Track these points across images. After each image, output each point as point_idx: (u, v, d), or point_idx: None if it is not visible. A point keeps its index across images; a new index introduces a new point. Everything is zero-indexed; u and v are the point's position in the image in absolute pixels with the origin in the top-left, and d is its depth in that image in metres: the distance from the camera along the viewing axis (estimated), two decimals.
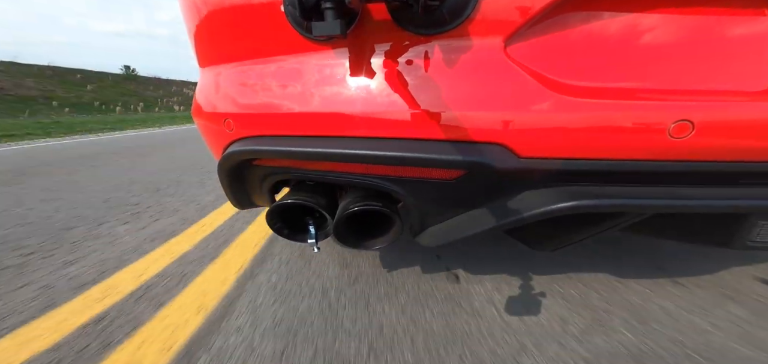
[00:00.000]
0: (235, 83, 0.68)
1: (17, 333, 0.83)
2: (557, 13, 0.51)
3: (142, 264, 1.17)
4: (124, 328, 0.84)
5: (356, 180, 0.67)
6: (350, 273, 1.07)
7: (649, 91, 0.51)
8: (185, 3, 0.71)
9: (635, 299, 0.92)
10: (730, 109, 0.49)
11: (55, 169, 2.89)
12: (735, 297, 0.93)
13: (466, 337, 0.79)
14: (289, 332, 0.82)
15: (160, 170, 2.81)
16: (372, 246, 0.76)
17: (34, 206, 1.84)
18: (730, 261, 1.10)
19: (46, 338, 0.81)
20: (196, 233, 1.44)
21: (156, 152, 3.98)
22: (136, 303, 0.94)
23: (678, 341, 0.77)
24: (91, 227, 1.51)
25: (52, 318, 0.89)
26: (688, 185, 0.55)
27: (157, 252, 1.26)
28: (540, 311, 0.88)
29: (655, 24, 0.51)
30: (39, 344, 0.79)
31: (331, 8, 0.45)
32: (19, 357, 0.75)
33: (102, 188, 2.21)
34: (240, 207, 0.87)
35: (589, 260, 1.12)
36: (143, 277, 1.08)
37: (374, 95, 0.56)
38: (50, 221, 1.60)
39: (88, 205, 1.84)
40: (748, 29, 0.50)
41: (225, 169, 0.73)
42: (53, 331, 0.83)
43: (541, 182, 0.58)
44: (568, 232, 0.71)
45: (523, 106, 0.52)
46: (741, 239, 0.62)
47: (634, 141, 0.51)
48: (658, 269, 1.07)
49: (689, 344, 0.76)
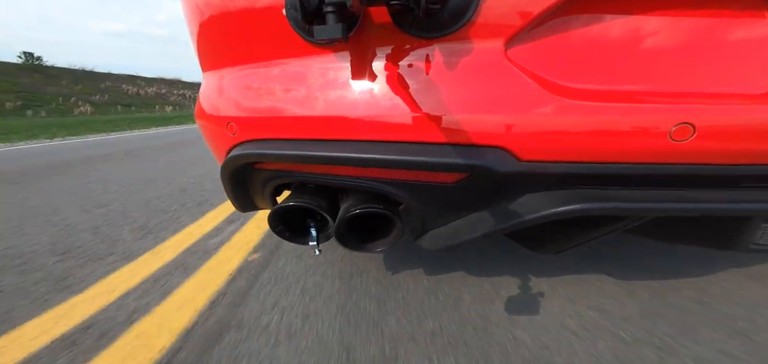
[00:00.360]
0: (237, 87, 0.69)
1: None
2: (557, 15, 0.51)
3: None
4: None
5: (357, 183, 0.68)
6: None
7: (649, 95, 0.51)
8: (188, 9, 0.72)
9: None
10: (730, 112, 0.49)
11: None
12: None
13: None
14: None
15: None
16: (373, 249, 0.76)
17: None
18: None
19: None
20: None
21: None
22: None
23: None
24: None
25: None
26: (690, 188, 0.55)
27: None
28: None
29: (655, 27, 0.51)
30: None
31: (332, 12, 0.45)
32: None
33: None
34: (242, 210, 0.88)
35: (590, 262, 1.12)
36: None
37: (375, 98, 0.57)
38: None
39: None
40: (749, 32, 0.50)
41: (228, 172, 0.73)
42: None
43: (542, 185, 0.58)
44: (569, 235, 0.71)
45: (523, 109, 0.52)
46: (745, 242, 0.61)
47: (635, 144, 0.51)
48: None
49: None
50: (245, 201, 0.84)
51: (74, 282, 1.11)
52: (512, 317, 0.87)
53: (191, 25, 0.74)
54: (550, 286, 1.00)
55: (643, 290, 0.97)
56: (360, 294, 0.99)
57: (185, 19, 0.77)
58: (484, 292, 0.98)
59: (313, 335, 0.83)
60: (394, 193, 0.66)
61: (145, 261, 1.24)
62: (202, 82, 0.79)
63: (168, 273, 1.15)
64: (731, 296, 0.94)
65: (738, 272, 1.06)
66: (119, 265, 1.21)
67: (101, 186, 2.43)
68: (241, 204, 0.85)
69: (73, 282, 1.11)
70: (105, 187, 2.41)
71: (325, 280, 1.07)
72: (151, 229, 1.56)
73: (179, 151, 4.23)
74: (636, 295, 0.95)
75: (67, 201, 2.05)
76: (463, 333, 0.82)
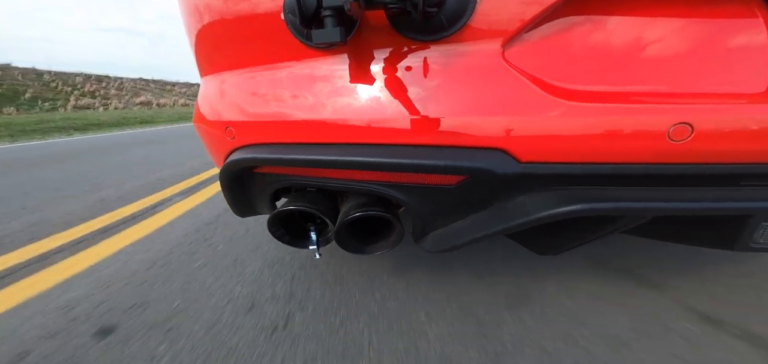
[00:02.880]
0: (236, 91, 0.69)
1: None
2: (553, 17, 0.52)
3: None
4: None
5: (357, 186, 0.68)
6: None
7: (647, 95, 0.51)
8: (187, 14, 0.72)
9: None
10: (728, 112, 0.49)
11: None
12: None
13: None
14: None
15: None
16: (374, 251, 0.76)
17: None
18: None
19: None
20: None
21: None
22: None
23: None
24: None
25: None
26: (689, 188, 0.55)
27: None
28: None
29: (652, 28, 0.51)
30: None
31: (330, 16, 0.46)
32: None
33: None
34: (241, 215, 0.87)
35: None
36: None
37: (374, 102, 0.57)
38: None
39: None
40: (744, 33, 0.50)
41: (226, 177, 0.73)
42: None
43: (543, 186, 0.58)
44: (570, 235, 0.71)
45: (521, 111, 0.52)
46: (743, 241, 0.61)
47: (633, 144, 0.51)
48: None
49: None
50: (244, 206, 0.83)
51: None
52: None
53: (190, 29, 0.74)
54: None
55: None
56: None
57: (183, 24, 0.77)
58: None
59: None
60: (395, 196, 0.66)
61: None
62: (201, 86, 0.79)
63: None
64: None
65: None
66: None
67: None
68: (240, 209, 0.84)
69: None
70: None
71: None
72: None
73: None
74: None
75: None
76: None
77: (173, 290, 1.04)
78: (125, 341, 0.83)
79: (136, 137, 6.10)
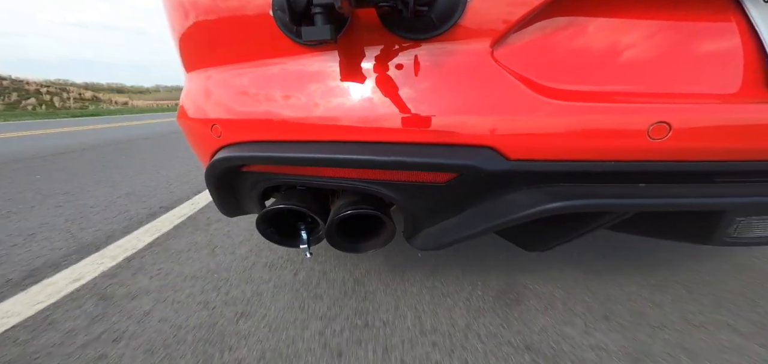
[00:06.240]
0: (222, 88, 0.67)
1: None
2: (540, 18, 0.53)
3: None
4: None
5: (348, 184, 0.67)
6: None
7: (629, 95, 0.53)
8: (172, 8, 0.70)
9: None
10: (704, 112, 0.51)
11: None
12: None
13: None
14: None
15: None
16: (365, 249, 0.76)
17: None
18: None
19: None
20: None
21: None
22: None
23: None
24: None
25: None
26: (668, 184, 0.57)
27: None
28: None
29: (634, 30, 0.53)
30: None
31: (320, 13, 0.45)
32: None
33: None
34: (228, 215, 0.86)
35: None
36: None
37: (364, 100, 0.57)
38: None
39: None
40: (720, 36, 0.52)
41: (213, 176, 0.71)
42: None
43: (530, 183, 0.59)
44: (557, 232, 0.72)
45: (509, 110, 0.53)
46: (719, 236, 0.64)
47: (616, 143, 0.53)
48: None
49: None
50: (232, 205, 0.82)
51: None
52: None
53: (174, 24, 0.72)
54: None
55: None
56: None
57: (167, 18, 0.75)
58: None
59: None
60: (386, 194, 0.66)
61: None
62: (185, 83, 0.77)
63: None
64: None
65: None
66: None
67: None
68: (227, 209, 0.83)
69: None
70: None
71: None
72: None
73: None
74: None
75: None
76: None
77: None
78: None
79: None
